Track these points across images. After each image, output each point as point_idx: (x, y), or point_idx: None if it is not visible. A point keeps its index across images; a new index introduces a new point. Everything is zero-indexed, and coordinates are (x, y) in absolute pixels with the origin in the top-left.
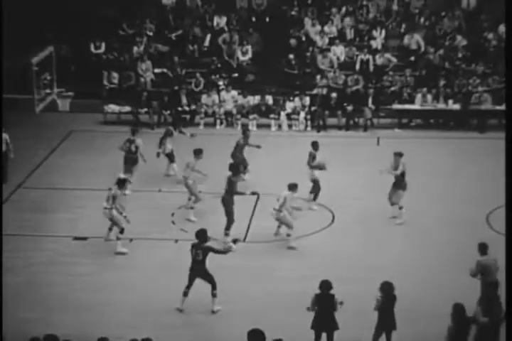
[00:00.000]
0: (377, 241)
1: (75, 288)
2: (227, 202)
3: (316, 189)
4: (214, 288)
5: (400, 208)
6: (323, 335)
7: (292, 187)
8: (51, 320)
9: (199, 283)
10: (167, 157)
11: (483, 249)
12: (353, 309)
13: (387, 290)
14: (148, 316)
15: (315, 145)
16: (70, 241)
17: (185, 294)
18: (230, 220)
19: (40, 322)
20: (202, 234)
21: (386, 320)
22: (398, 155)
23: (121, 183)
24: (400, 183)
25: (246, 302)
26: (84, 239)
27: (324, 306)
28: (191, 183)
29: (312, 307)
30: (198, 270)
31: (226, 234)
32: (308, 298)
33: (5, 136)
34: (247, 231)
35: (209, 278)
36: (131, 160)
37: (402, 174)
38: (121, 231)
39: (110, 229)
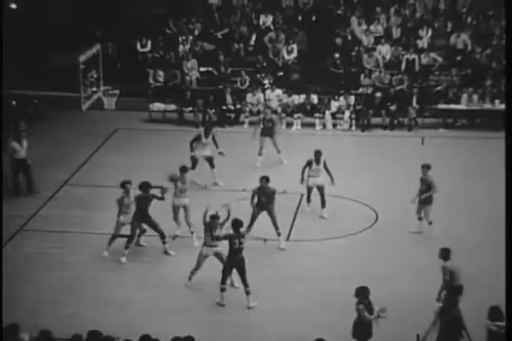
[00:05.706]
0: (420, 240)
1: (118, 285)
2: None
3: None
4: (246, 285)
5: (430, 223)
6: None
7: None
8: (94, 316)
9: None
10: (207, 161)
11: (446, 254)
12: (396, 308)
13: (364, 295)
14: (189, 314)
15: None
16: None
17: (223, 290)
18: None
19: (84, 318)
20: (237, 225)
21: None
22: (426, 167)
23: (123, 186)
24: (426, 198)
25: (286, 301)
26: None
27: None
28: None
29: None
30: (237, 259)
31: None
32: (349, 297)
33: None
34: (290, 229)
35: (243, 269)
36: None
37: (429, 188)
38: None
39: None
